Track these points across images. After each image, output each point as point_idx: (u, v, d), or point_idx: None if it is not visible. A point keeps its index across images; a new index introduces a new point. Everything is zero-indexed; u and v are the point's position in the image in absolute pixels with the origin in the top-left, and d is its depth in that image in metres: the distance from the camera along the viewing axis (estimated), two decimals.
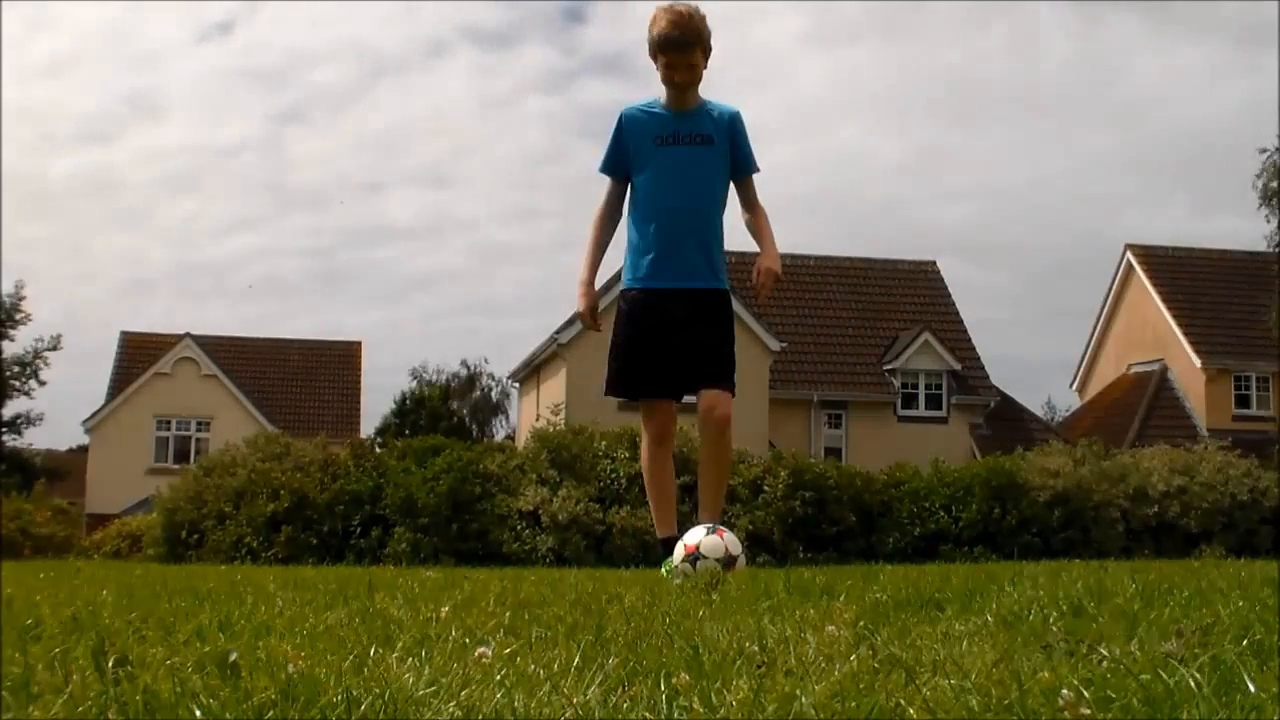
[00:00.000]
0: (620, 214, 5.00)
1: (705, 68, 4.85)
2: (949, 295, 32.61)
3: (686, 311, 4.79)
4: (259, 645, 1.89)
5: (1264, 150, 29.83)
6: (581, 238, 5.01)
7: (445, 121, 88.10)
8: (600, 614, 2.49)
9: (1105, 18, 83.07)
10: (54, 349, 37.07)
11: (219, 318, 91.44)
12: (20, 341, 37.12)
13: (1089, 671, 1.55)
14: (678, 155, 4.82)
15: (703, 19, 4.76)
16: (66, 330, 77.00)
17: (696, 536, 4.26)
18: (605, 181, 5.01)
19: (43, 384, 37.14)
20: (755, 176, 5.04)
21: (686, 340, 4.80)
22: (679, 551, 4.26)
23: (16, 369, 36.52)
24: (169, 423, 35.62)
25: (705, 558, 4.17)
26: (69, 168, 78.37)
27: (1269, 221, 30.17)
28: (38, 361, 36.70)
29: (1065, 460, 14.85)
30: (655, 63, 4.78)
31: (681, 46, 4.72)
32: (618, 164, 4.95)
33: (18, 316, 36.15)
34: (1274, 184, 29.51)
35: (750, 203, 5.03)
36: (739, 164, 4.95)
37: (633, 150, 4.88)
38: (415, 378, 57.86)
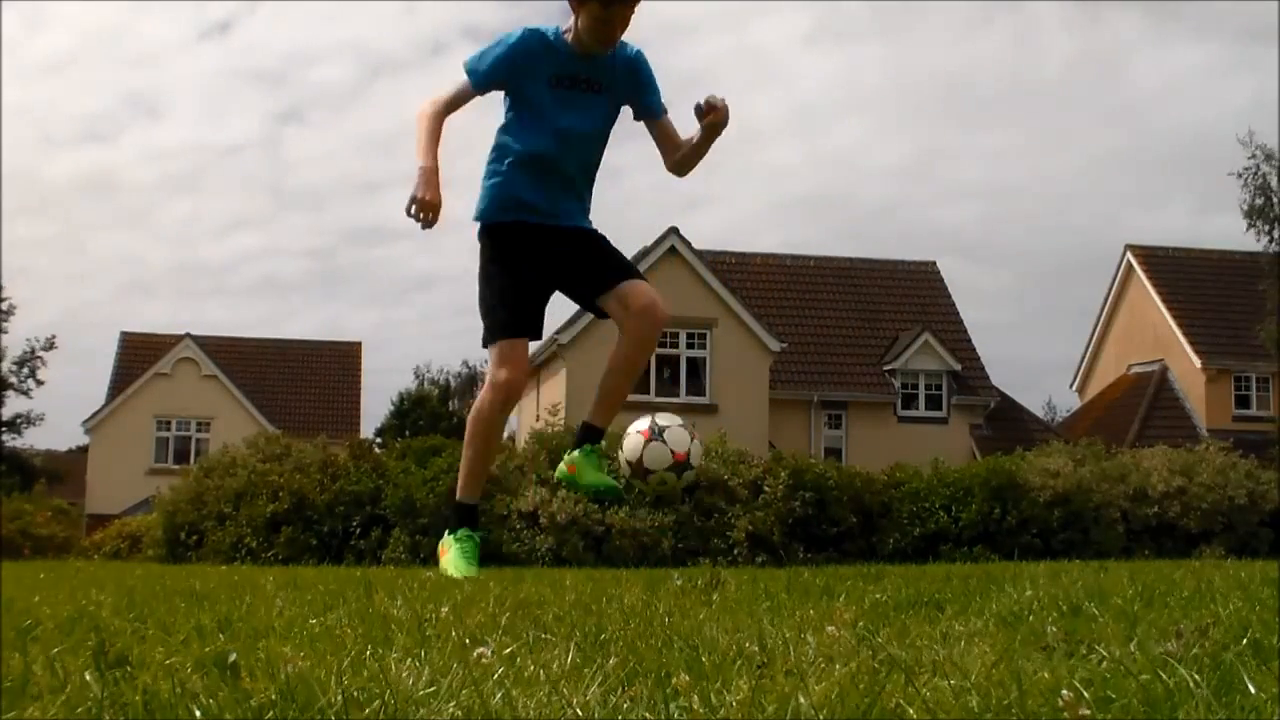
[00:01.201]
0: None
1: None
2: (949, 295, 32.60)
3: (572, 243, 4.37)
4: (258, 646, 1.89)
5: (1237, 174, 29.73)
6: None
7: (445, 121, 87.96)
8: (600, 614, 2.48)
9: (1106, 17, 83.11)
10: (49, 348, 37.14)
11: (219, 318, 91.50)
12: (16, 340, 37.19)
13: (1089, 672, 1.55)
14: (575, 101, 4.29)
15: None
16: (67, 330, 77.21)
17: (683, 443, 4.16)
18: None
19: (40, 383, 37.19)
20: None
21: (578, 256, 4.37)
22: (661, 458, 4.16)
23: (14, 367, 36.58)
24: (169, 423, 35.61)
25: (693, 468, 4.13)
26: (68, 168, 78.45)
27: (1258, 240, 30.13)
28: (35, 360, 36.75)
29: (1065, 460, 14.85)
30: (578, 10, 4.18)
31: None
32: (494, 81, 4.30)
33: (3, 306, 36.16)
34: (1258, 202, 29.44)
35: (675, 142, 4.44)
36: (649, 107, 4.43)
37: (522, 77, 4.28)
38: (418, 377, 57.91)
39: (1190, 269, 34.20)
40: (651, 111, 4.44)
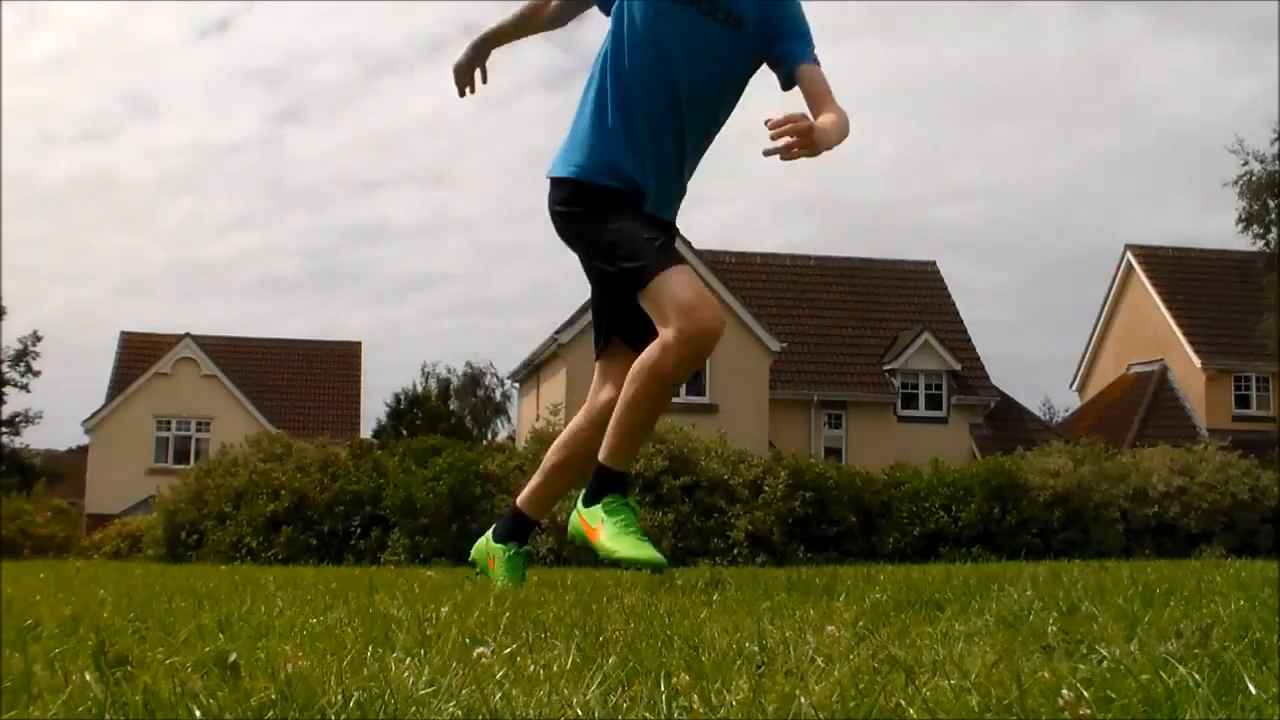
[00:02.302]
0: (558, 21, 3.67)
1: None
2: (949, 295, 32.64)
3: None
4: (258, 646, 1.89)
5: (1230, 183, 29.75)
6: None
7: (445, 121, 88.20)
8: (600, 614, 2.48)
9: (1107, 15, 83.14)
10: (35, 342, 37.40)
11: (219, 318, 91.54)
12: (8, 338, 37.44)
13: (1089, 671, 1.55)
14: (704, 30, 3.33)
15: None
16: (67, 330, 77.12)
17: None
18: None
19: (37, 374, 37.43)
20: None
21: None
22: None
23: (9, 364, 36.74)
24: (169, 423, 35.63)
25: None
26: (67, 167, 78.46)
27: (1252, 244, 30.14)
28: (29, 355, 36.97)
29: (1065, 460, 14.85)
30: None
31: None
32: None
33: None
34: (1255, 207, 29.45)
35: (828, 103, 3.39)
36: (795, 53, 3.43)
37: None
38: (426, 375, 57.98)
39: (1190, 269, 34.23)
40: (799, 57, 3.41)
